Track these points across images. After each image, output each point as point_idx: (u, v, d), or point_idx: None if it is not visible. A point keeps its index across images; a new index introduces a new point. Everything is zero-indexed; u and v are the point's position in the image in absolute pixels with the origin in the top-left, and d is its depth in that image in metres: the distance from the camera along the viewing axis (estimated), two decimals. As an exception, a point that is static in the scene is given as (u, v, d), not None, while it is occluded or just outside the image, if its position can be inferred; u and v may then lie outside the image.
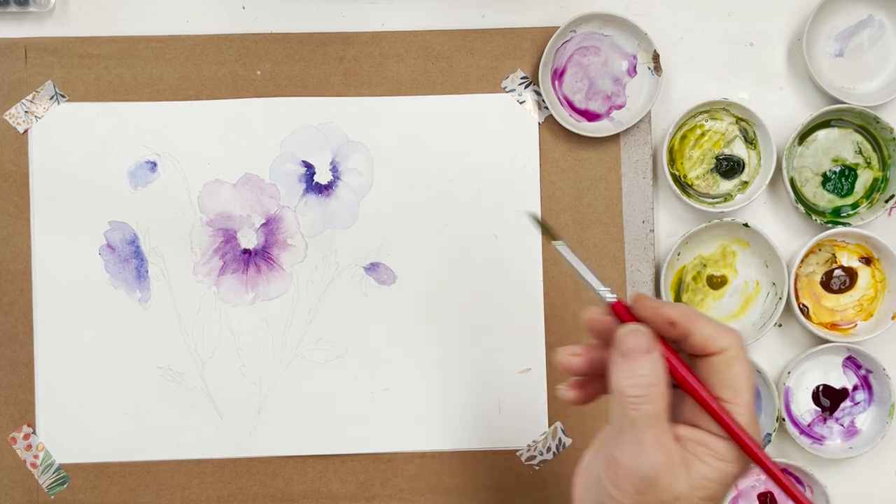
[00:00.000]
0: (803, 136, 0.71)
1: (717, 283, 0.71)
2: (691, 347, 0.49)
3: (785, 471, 0.70)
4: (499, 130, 0.70)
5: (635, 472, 0.47)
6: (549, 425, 0.70)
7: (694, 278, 0.70)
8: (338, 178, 0.70)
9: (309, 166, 0.70)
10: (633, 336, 0.48)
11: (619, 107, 0.71)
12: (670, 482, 0.46)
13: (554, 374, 0.70)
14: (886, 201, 0.69)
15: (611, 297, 0.50)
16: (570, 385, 0.53)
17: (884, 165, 0.71)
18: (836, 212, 0.71)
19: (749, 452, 0.47)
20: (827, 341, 0.69)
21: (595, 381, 0.52)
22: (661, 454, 0.47)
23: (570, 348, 0.52)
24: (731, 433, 0.47)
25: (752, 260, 0.70)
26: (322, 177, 0.70)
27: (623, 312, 0.50)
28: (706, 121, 0.70)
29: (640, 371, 0.47)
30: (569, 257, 0.51)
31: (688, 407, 0.49)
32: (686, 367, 0.49)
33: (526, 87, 0.70)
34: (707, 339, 0.48)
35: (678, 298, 0.70)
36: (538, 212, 0.67)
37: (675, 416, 0.49)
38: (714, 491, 0.47)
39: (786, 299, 0.68)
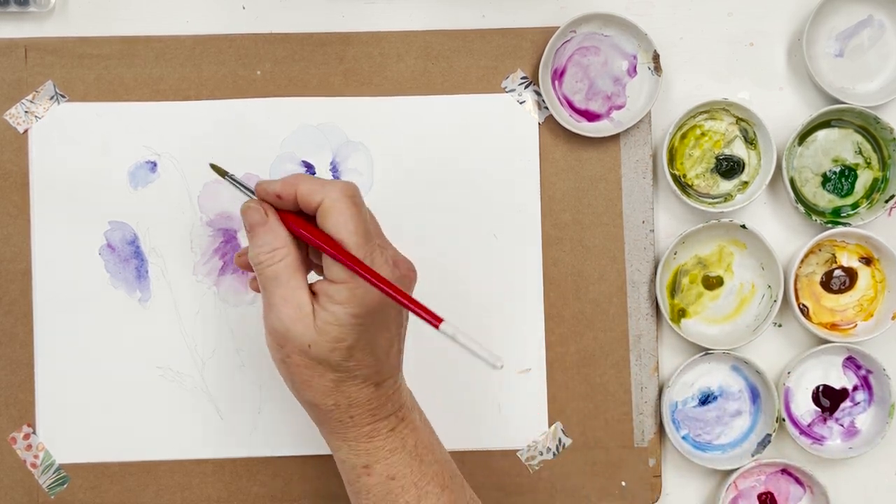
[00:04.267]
0: (803, 136, 0.71)
1: (712, 283, 0.71)
2: (305, 209, 0.54)
3: (784, 471, 0.70)
4: (499, 130, 0.70)
5: (271, 327, 0.53)
6: (549, 425, 0.70)
7: (690, 278, 0.70)
8: (338, 178, 0.70)
9: (309, 166, 0.70)
10: (250, 212, 0.54)
11: (619, 107, 0.70)
12: (301, 332, 0.52)
13: (554, 374, 0.70)
14: (886, 201, 0.69)
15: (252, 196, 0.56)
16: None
17: (884, 165, 0.71)
18: (836, 212, 0.71)
19: (352, 269, 0.51)
20: (827, 341, 0.69)
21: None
22: (289, 309, 0.52)
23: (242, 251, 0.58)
24: (335, 257, 0.52)
25: (749, 262, 0.70)
26: (322, 177, 0.70)
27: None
28: (706, 121, 0.70)
29: (261, 240, 0.53)
30: (233, 183, 0.58)
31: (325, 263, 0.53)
32: (301, 221, 0.54)
33: (526, 87, 0.70)
34: (307, 195, 0.53)
35: (673, 297, 0.70)
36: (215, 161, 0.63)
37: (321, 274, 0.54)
38: (337, 333, 0.52)
39: (780, 302, 0.68)
